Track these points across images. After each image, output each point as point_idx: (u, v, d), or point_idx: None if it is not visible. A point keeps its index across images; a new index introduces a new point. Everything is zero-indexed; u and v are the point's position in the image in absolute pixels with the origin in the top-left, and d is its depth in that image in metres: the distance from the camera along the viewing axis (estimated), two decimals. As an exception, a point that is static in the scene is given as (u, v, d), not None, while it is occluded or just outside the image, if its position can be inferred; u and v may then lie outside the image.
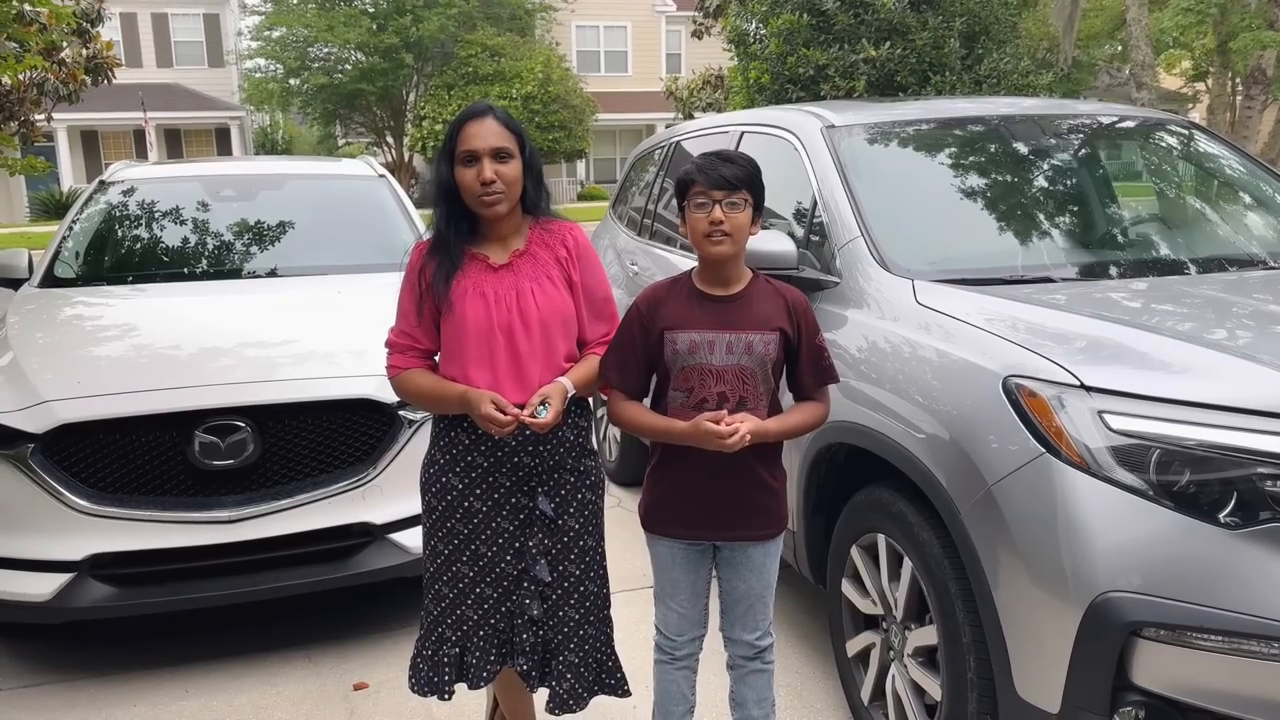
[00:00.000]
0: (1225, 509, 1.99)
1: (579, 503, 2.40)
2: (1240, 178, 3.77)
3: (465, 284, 2.31)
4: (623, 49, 34.91)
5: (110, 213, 4.98)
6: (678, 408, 2.28)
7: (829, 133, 3.48)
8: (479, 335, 2.30)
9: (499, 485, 2.36)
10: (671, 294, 2.32)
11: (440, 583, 2.43)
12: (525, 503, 2.38)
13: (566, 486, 2.39)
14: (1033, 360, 2.26)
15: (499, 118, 2.30)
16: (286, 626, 3.69)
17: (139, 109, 26.23)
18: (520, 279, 2.33)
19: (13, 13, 6.96)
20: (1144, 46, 12.81)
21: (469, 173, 2.26)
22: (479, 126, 2.27)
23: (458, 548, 2.39)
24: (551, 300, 2.33)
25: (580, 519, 2.41)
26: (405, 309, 2.39)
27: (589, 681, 2.45)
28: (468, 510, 2.37)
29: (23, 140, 9.05)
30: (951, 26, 9.71)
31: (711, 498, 2.31)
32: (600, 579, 2.46)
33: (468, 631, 2.42)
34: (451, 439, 2.38)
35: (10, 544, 3.19)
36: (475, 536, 2.38)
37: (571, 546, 2.40)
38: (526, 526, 2.38)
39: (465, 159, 2.27)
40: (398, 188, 5.42)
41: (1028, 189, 3.53)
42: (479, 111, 2.30)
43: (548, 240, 2.39)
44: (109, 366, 3.49)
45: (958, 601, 2.34)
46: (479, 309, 2.30)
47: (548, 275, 2.35)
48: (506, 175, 2.27)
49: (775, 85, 10.41)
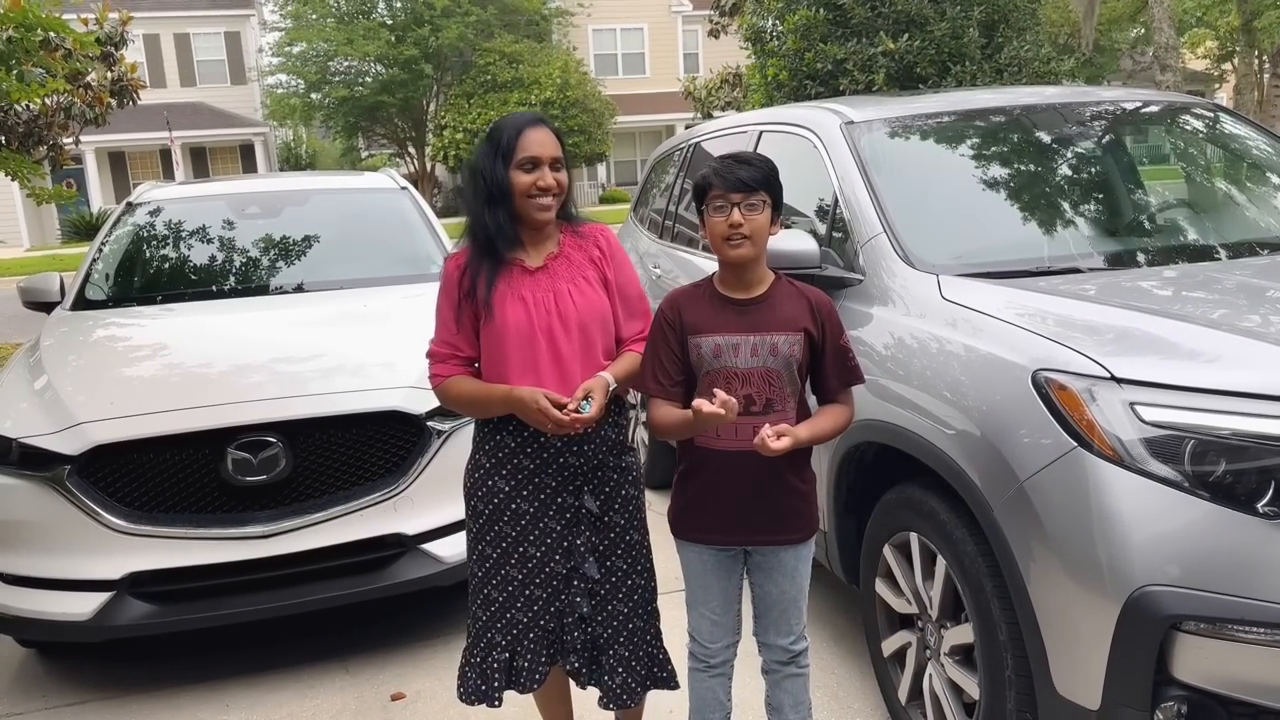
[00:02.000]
0: (1263, 498, 1.96)
1: (623, 499, 2.45)
2: (1269, 158, 3.71)
3: (504, 289, 2.35)
4: (640, 51, 34.93)
5: (138, 234, 5.05)
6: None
7: (848, 129, 3.46)
8: (521, 339, 2.33)
9: (545, 486, 2.39)
10: (694, 299, 2.32)
11: (489, 587, 2.44)
12: (571, 502, 2.41)
13: (610, 484, 2.43)
14: (1062, 353, 2.24)
15: (550, 128, 2.38)
16: (324, 639, 3.72)
17: (164, 129, 26.57)
18: (557, 281, 2.38)
19: (38, 40, 7.06)
20: (1166, 28, 12.65)
21: (528, 178, 2.32)
22: (540, 133, 2.34)
23: (506, 550, 2.41)
24: (589, 300, 2.38)
25: (625, 514, 2.45)
26: (444, 318, 2.42)
27: (641, 676, 2.47)
28: (515, 512, 2.40)
29: (52, 164, 9.17)
30: (970, 15, 9.63)
31: (741, 502, 2.30)
32: (647, 572, 2.49)
33: (518, 635, 2.43)
34: (497, 442, 2.40)
35: (50, 564, 3.23)
36: (524, 538, 2.40)
37: (618, 542, 2.44)
38: (574, 525, 2.41)
39: (527, 164, 2.32)
40: (420, 199, 5.46)
41: (1051, 179, 3.50)
42: (535, 120, 2.38)
43: (580, 243, 2.45)
44: (141, 387, 3.54)
45: (993, 599, 2.31)
46: (520, 313, 2.33)
47: (583, 276, 2.40)
48: (562, 183, 2.36)
49: (794, 82, 10.36)
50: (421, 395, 3.39)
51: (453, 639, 3.64)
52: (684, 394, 2.32)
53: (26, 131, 8.65)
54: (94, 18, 8.77)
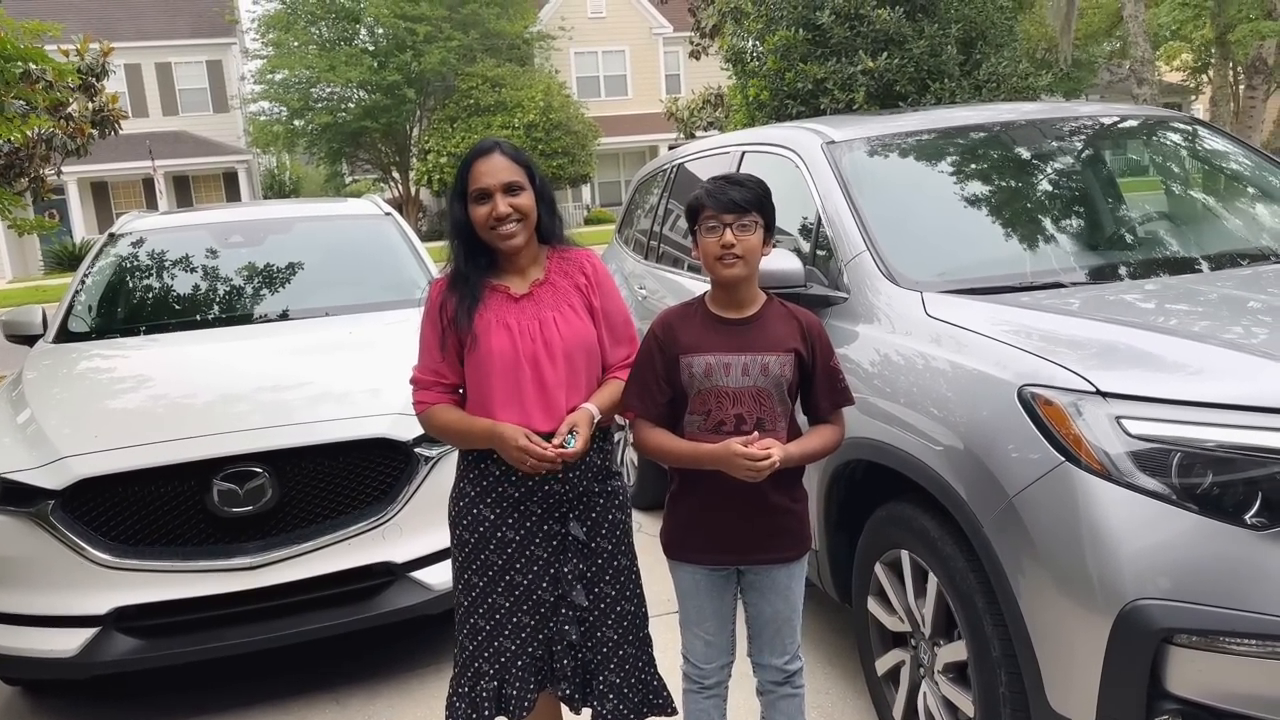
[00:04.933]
0: (1251, 510, 1.96)
1: (610, 524, 2.42)
2: (1247, 171, 3.75)
3: (489, 316, 2.33)
4: (622, 73, 35.12)
5: (121, 265, 5.02)
6: (695, 431, 2.27)
7: (830, 148, 3.48)
8: (505, 367, 2.30)
9: (530, 513, 2.37)
10: (686, 318, 2.32)
11: (476, 616, 2.41)
12: (557, 529, 2.38)
13: (596, 509, 2.41)
14: (1047, 368, 2.25)
15: (506, 152, 2.34)
16: (313, 669, 3.68)
17: (147, 158, 26.54)
18: (542, 308, 2.35)
19: (18, 72, 7.05)
20: (1142, 42, 12.80)
21: (482, 210, 2.29)
22: (487, 164, 2.30)
23: (493, 579, 2.39)
24: (574, 328, 2.35)
25: (612, 540, 2.42)
26: (428, 345, 2.40)
27: (635, 703, 2.44)
28: (501, 540, 2.37)
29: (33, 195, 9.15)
30: (948, 33, 9.72)
31: (733, 522, 2.30)
32: (636, 598, 2.46)
33: (506, 663, 2.40)
34: (482, 470, 2.38)
35: (34, 601, 3.19)
36: (510, 566, 2.38)
37: (606, 568, 2.41)
38: (560, 552, 2.39)
39: (477, 197, 2.30)
40: (404, 224, 5.45)
41: (1032, 194, 3.52)
42: (485, 149, 2.33)
43: (566, 268, 2.42)
44: (125, 419, 3.51)
45: (985, 616, 2.31)
46: (504, 341, 2.31)
47: (569, 303, 2.37)
48: (521, 207, 2.30)
49: (775, 101, 10.44)
50: (408, 422, 3.37)
51: (443, 668, 3.61)
52: (668, 415, 2.32)
53: (7, 164, 8.63)
54: (74, 48, 8.78)
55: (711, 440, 2.22)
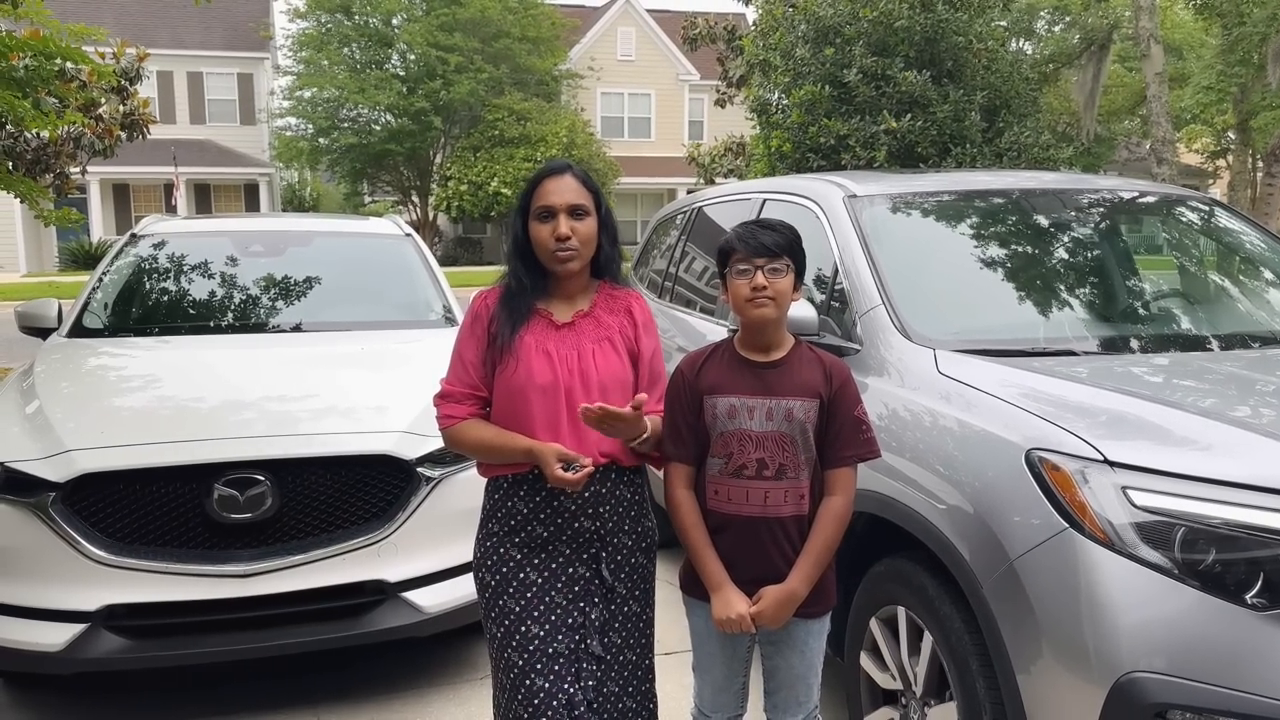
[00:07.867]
0: (1252, 589, 1.96)
1: (630, 566, 2.35)
2: (1262, 254, 3.77)
3: (529, 339, 2.28)
4: (646, 115, 35.44)
5: (140, 265, 5.06)
6: (715, 474, 2.26)
7: (851, 202, 3.51)
8: (545, 394, 2.25)
9: (558, 554, 2.30)
10: (713, 359, 2.31)
11: (499, 671, 2.32)
12: (582, 572, 2.30)
13: (623, 551, 2.34)
14: (1056, 433, 2.25)
15: (577, 175, 2.30)
16: (295, 683, 3.66)
17: (171, 164, 26.75)
18: (582, 340, 2.31)
19: (55, 70, 7.15)
20: (1164, 123, 12.91)
21: (545, 228, 2.26)
22: (556, 183, 2.27)
23: (509, 630, 2.28)
24: (611, 364, 2.30)
25: (629, 583, 2.34)
26: (466, 358, 2.34)
27: None
28: (521, 583, 2.28)
29: (57, 191, 9.23)
30: (972, 100, 9.82)
31: (755, 569, 2.24)
32: (642, 648, 2.38)
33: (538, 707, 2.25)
34: (509, 509, 2.31)
35: (25, 593, 3.18)
36: (527, 615, 2.27)
37: (617, 614, 2.33)
38: (583, 598, 2.30)
39: (541, 214, 2.26)
40: (423, 246, 5.49)
41: (1049, 261, 3.54)
42: (558, 169, 2.30)
43: (612, 305, 2.37)
44: (132, 417, 3.52)
45: (979, 678, 2.30)
46: (545, 367, 2.26)
47: (609, 339, 2.32)
48: (582, 232, 2.26)
49: (796, 154, 10.52)
50: (413, 440, 3.38)
51: (426, 692, 3.58)
52: (694, 458, 2.30)
53: (34, 159, 8.72)
54: (111, 52, 8.90)
55: (730, 484, 2.22)
